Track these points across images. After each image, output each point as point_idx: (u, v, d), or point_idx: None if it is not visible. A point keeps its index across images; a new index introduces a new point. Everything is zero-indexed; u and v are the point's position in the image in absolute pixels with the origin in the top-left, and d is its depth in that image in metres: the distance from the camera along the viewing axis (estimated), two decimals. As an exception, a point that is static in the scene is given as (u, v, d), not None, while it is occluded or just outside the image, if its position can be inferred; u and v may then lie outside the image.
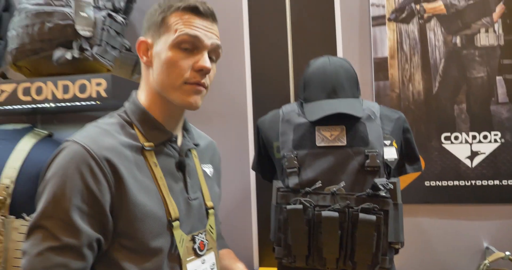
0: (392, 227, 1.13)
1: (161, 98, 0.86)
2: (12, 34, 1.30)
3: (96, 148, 0.76)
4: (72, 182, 0.73)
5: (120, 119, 0.87)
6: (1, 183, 1.34)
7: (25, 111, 1.54)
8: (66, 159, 0.75)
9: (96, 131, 0.81)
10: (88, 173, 0.74)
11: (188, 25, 0.82)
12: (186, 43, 0.82)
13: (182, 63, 0.82)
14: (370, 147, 1.14)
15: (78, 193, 0.73)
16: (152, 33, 0.86)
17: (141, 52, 0.87)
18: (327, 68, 1.24)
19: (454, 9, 1.53)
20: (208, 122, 1.65)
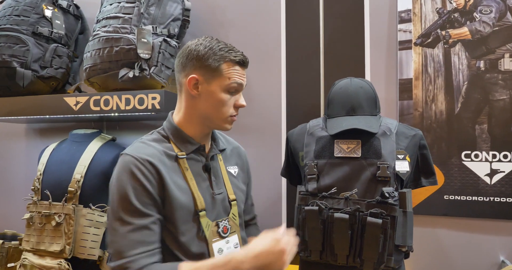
0: (400, 231, 1.24)
1: (200, 121, 1.11)
2: (87, 56, 1.57)
3: (140, 155, 1.01)
4: (128, 182, 0.98)
5: (159, 135, 1.12)
6: (74, 177, 1.62)
7: (94, 118, 1.81)
8: (121, 167, 1.01)
9: (140, 145, 1.06)
10: (138, 172, 0.99)
11: (237, 76, 1.07)
12: (234, 89, 1.08)
13: (229, 102, 1.08)
14: (382, 159, 1.26)
15: (134, 188, 0.98)
16: (204, 73, 1.06)
17: (191, 85, 1.07)
18: (348, 88, 1.37)
19: (479, 35, 1.59)
20: (247, 133, 1.82)
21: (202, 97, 1.07)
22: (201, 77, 1.06)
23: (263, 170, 1.78)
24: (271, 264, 0.95)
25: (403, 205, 1.26)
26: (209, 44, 1.07)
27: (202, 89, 1.07)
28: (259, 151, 1.80)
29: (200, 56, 1.06)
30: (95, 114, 1.56)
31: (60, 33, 1.79)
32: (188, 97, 1.10)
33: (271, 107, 1.81)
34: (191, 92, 1.07)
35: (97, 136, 1.75)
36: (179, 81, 1.12)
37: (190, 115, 1.11)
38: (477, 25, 1.60)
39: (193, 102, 1.09)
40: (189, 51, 1.08)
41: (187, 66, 1.08)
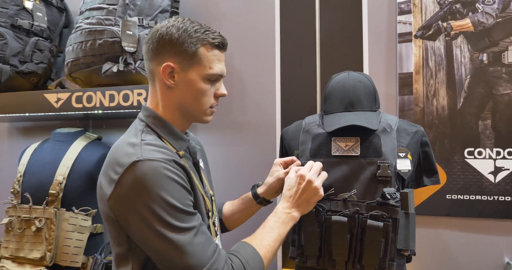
0: (402, 234, 1.17)
1: (181, 114, 1.01)
2: (68, 49, 1.49)
3: (165, 157, 0.90)
4: (167, 187, 0.87)
5: (153, 134, 0.98)
6: (56, 179, 1.53)
7: (79, 116, 1.73)
8: (147, 175, 0.86)
9: (151, 148, 0.92)
10: (173, 174, 0.89)
11: (218, 61, 0.99)
12: (215, 77, 0.99)
13: (209, 92, 1.00)
14: (383, 158, 1.19)
15: (176, 191, 0.89)
16: (180, 60, 0.95)
17: (166, 75, 0.96)
18: (346, 82, 1.30)
19: (482, 27, 1.53)
20: (240, 132, 1.76)
21: (179, 87, 0.97)
22: (177, 65, 0.96)
23: (256, 169, 1.71)
24: (311, 198, 1.12)
25: (405, 206, 1.18)
26: (183, 26, 0.96)
27: (179, 79, 0.97)
28: (253, 149, 1.74)
29: (174, 41, 0.95)
30: (77, 111, 1.48)
31: (42, 26, 1.70)
32: (163, 87, 0.99)
33: (265, 103, 1.75)
34: (166, 82, 0.97)
35: (82, 135, 1.67)
36: (150, 70, 1.01)
37: (169, 108, 1.00)
38: (480, 17, 1.54)
39: (169, 94, 0.99)
40: (160, 35, 0.96)
41: (159, 53, 0.97)
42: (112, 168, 0.91)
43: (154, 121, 1.00)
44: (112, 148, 0.97)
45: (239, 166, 1.75)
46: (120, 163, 0.88)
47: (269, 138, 1.73)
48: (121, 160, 0.89)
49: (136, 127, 1.00)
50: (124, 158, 0.89)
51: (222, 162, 1.76)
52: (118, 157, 0.91)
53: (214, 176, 1.35)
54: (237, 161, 1.76)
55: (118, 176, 0.87)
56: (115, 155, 0.92)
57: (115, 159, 0.91)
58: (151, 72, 1.00)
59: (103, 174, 0.94)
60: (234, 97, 1.77)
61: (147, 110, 1.02)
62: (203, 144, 1.31)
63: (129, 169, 0.87)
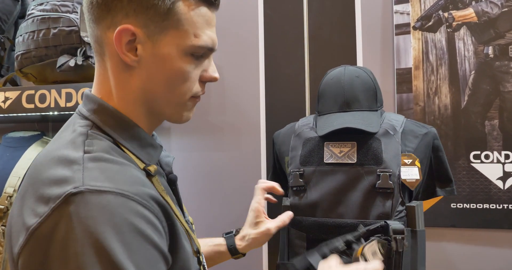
0: (408, 257, 1.04)
1: (146, 108, 0.68)
2: (19, 40, 1.35)
3: (135, 191, 0.55)
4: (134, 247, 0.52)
5: (105, 140, 0.63)
6: (5, 192, 1.38)
7: (36, 118, 1.57)
8: (99, 219, 0.51)
9: (109, 167, 0.57)
10: (148, 226, 0.54)
11: (208, 26, 0.66)
12: (202, 50, 0.66)
13: (193, 74, 0.67)
14: (384, 166, 1.07)
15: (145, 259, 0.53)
16: (146, 21, 0.62)
17: (123, 45, 0.62)
18: (341, 78, 1.18)
19: (486, 17, 1.45)
20: (221, 134, 1.66)
21: (144, 66, 0.64)
22: (141, 30, 0.62)
23: (239, 177, 1.61)
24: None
25: (411, 223, 1.06)
26: None
27: (144, 52, 0.63)
28: (235, 154, 1.63)
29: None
30: (28, 112, 1.33)
31: (-9, 15, 1.52)
32: (118, 66, 0.64)
33: (247, 103, 1.64)
34: (123, 57, 0.62)
35: (38, 140, 1.52)
36: (96, 37, 0.65)
37: (128, 101, 0.66)
38: (484, 6, 1.45)
39: (128, 77, 0.65)
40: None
41: (110, 10, 0.62)
42: (29, 203, 0.55)
43: (107, 118, 0.64)
44: (34, 166, 0.61)
45: (218, 174, 1.64)
46: (43, 197, 0.53)
47: (253, 142, 1.63)
48: (46, 191, 0.54)
49: (75, 128, 0.63)
50: (51, 188, 0.53)
51: (198, 169, 1.65)
52: (40, 183, 0.56)
53: (188, 186, 1.19)
54: (217, 168, 1.65)
55: (35, 222, 0.52)
56: (35, 180, 0.57)
57: (34, 186, 0.56)
58: (97, 41, 0.66)
59: (16, 207, 0.58)
60: (212, 96, 1.67)
61: (93, 101, 0.66)
62: (176, 149, 1.12)
63: (57, 210, 0.51)
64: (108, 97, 0.66)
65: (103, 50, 0.65)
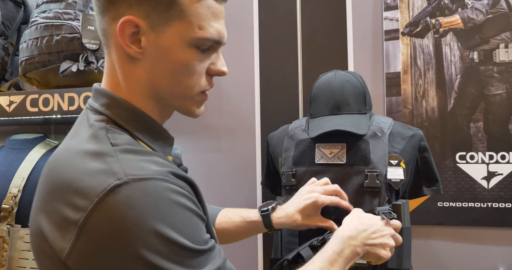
0: (394, 253, 1.08)
1: (155, 100, 0.67)
2: (22, 46, 1.38)
3: (161, 171, 0.58)
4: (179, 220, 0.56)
5: (123, 132, 0.63)
6: (9, 192, 1.40)
7: (38, 121, 1.60)
8: (149, 203, 0.53)
9: (139, 158, 0.58)
10: (181, 197, 0.58)
11: (214, 17, 0.65)
12: (209, 43, 0.65)
13: (199, 67, 0.65)
14: (371, 166, 1.12)
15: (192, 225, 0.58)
16: (149, 12, 0.60)
17: (126, 37, 0.61)
18: (332, 82, 1.22)
19: (472, 24, 1.48)
20: (217, 136, 1.68)
21: (148, 58, 0.63)
22: (144, 21, 0.61)
23: (235, 178, 1.64)
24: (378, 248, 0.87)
25: (399, 220, 1.09)
26: None
27: (148, 44, 0.62)
28: (231, 156, 1.66)
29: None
30: (33, 116, 1.36)
31: (-5, 21, 1.55)
32: (125, 59, 0.64)
33: (243, 106, 1.67)
34: (127, 49, 0.62)
35: (41, 142, 1.53)
36: (103, 30, 0.65)
37: (135, 93, 0.65)
38: (470, 13, 1.49)
39: (133, 68, 0.64)
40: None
41: (115, 2, 0.61)
42: (63, 200, 0.55)
43: (120, 111, 0.64)
44: (56, 164, 0.61)
45: (215, 175, 1.67)
46: (82, 191, 0.53)
47: (248, 144, 1.65)
48: (84, 185, 0.54)
49: (91, 123, 0.63)
50: (90, 181, 0.54)
51: (195, 170, 1.66)
52: (74, 179, 0.55)
53: None
54: (213, 169, 1.68)
55: (81, 216, 0.52)
56: (66, 177, 0.56)
57: (67, 183, 0.56)
58: (104, 33, 0.65)
59: (42, 211, 0.58)
60: (209, 99, 1.62)
61: (104, 95, 0.65)
62: None
63: (105, 200, 0.52)
64: (117, 89, 0.65)
65: (109, 42, 0.65)
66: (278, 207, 1.05)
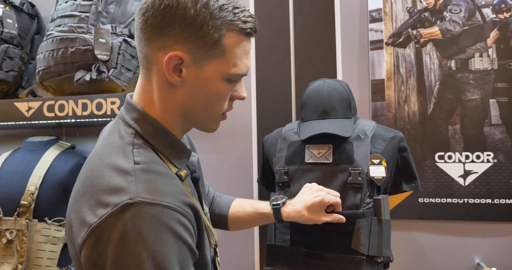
0: (375, 241, 1.18)
1: (182, 119, 0.75)
2: (39, 57, 1.46)
3: (177, 201, 0.64)
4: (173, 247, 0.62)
5: (149, 149, 0.70)
6: (27, 189, 1.49)
7: (51, 124, 1.69)
8: (154, 228, 0.60)
9: (155, 179, 0.66)
10: (185, 232, 0.64)
11: (246, 56, 0.73)
12: (238, 77, 0.74)
13: (227, 96, 0.75)
14: (355, 165, 1.21)
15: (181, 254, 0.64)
16: (194, 49, 0.68)
17: (171, 68, 0.68)
18: (321, 90, 1.31)
19: (450, 35, 1.58)
20: (216, 138, 1.75)
21: (186, 86, 0.70)
22: (189, 56, 0.68)
23: (233, 177, 1.71)
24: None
25: (378, 212, 1.21)
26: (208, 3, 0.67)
27: (189, 75, 0.69)
28: (229, 157, 1.73)
29: (189, 19, 0.66)
30: (49, 120, 1.45)
31: (12, 33, 1.66)
32: (163, 84, 0.71)
33: (241, 110, 1.73)
34: (169, 77, 0.69)
35: (54, 144, 1.64)
36: (145, 54, 0.72)
37: (168, 112, 0.73)
38: (448, 24, 1.59)
39: (170, 93, 0.71)
40: (168, 7, 0.66)
41: (163, 33, 0.67)
42: (88, 203, 0.64)
43: (149, 127, 0.72)
44: (90, 169, 0.69)
45: (214, 174, 1.74)
46: (102, 201, 0.62)
47: (245, 146, 1.73)
48: (104, 197, 0.62)
49: (122, 135, 0.71)
50: (109, 195, 0.62)
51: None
52: (100, 189, 0.64)
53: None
54: (213, 169, 1.75)
55: (96, 221, 0.61)
56: (94, 185, 0.65)
57: (94, 190, 0.65)
58: (146, 57, 0.72)
59: (75, 204, 0.68)
60: None
61: (136, 110, 0.73)
62: None
63: (116, 215, 0.60)
64: (150, 106, 0.73)
65: (151, 66, 0.71)
66: (287, 202, 1.14)
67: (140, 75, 0.76)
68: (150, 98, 0.73)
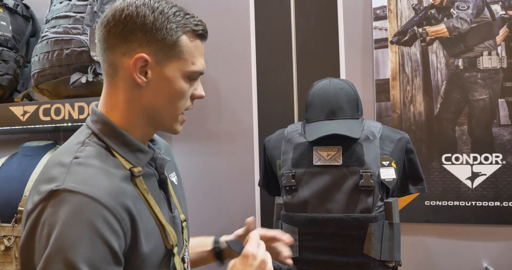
0: (386, 245, 1.16)
1: (146, 119, 0.80)
2: (34, 60, 1.43)
3: (105, 195, 0.66)
4: (89, 245, 0.63)
5: (97, 146, 0.75)
6: (25, 195, 1.47)
7: (48, 129, 1.66)
8: (71, 217, 0.63)
9: (89, 171, 0.69)
10: (106, 229, 0.64)
11: (201, 55, 0.81)
12: (197, 75, 0.81)
13: (187, 93, 0.80)
14: (366, 167, 1.17)
15: (98, 256, 0.64)
16: (156, 51, 0.75)
17: (137, 69, 0.75)
18: (327, 89, 1.28)
19: (457, 32, 1.54)
20: (217, 141, 1.73)
21: (151, 86, 0.76)
22: (152, 58, 0.75)
23: (234, 180, 1.69)
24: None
25: (389, 216, 1.18)
26: (158, 6, 0.75)
27: (153, 75, 0.76)
28: (230, 159, 1.71)
29: (148, 25, 0.74)
30: (45, 124, 1.42)
31: (6, 35, 1.63)
32: (130, 86, 0.76)
33: (241, 112, 1.73)
34: (136, 79, 0.75)
35: (52, 149, 1.61)
36: (110, 62, 0.77)
37: (132, 113, 0.78)
38: (455, 22, 1.55)
39: (136, 94, 0.77)
40: (128, 16, 0.74)
41: (126, 40, 0.74)
42: (31, 194, 0.70)
43: (103, 127, 0.77)
44: (44, 165, 0.76)
45: (215, 177, 1.72)
46: (39, 190, 0.67)
47: (247, 148, 1.71)
48: (41, 186, 0.67)
49: (78, 136, 0.78)
50: (44, 184, 0.67)
51: (197, 173, 1.72)
52: (40, 180, 0.70)
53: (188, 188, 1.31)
54: (214, 172, 1.73)
55: (30, 207, 0.66)
56: (39, 177, 0.72)
57: (37, 182, 0.70)
58: (111, 65, 0.77)
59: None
60: (210, 106, 1.74)
61: (95, 114, 0.79)
62: (176, 155, 1.15)
63: (43, 201, 0.65)
64: (112, 110, 0.78)
65: (116, 72, 0.77)
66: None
67: (104, 83, 0.81)
68: (112, 102, 0.79)
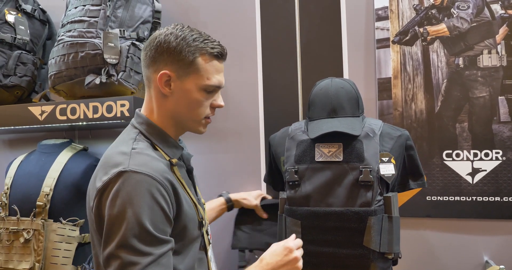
0: (385, 238, 1.20)
1: (174, 122, 1.02)
2: (51, 62, 1.51)
3: (156, 173, 0.89)
4: (147, 208, 0.85)
5: (145, 141, 0.98)
6: (42, 191, 1.55)
7: (64, 127, 1.74)
8: (134, 188, 0.85)
9: (144, 158, 0.92)
10: (160, 197, 0.88)
11: (217, 72, 0.99)
12: (212, 88, 0.99)
13: (205, 103, 1.00)
14: (365, 163, 1.22)
15: (155, 214, 0.86)
16: (177, 68, 0.96)
17: (163, 82, 0.96)
18: (329, 89, 1.32)
19: (457, 32, 1.56)
20: (224, 138, 1.78)
21: (175, 96, 0.98)
22: (174, 73, 0.96)
23: (241, 176, 1.73)
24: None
25: (388, 210, 1.22)
26: (181, 34, 0.96)
27: (175, 87, 0.97)
28: (237, 156, 1.76)
29: (172, 49, 0.95)
30: (61, 123, 1.50)
31: (25, 39, 1.71)
32: (159, 95, 0.99)
33: (248, 110, 1.77)
34: (162, 90, 0.97)
35: (67, 146, 1.68)
36: (147, 76, 1.02)
37: (164, 116, 1.01)
38: (455, 21, 1.58)
39: (164, 101, 0.99)
40: (158, 43, 0.97)
41: (156, 61, 0.97)
42: (99, 176, 0.91)
43: (148, 128, 1.00)
44: (103, 156, 0.98)
45: (223, 173, 1.77)
46: (107, 172, 0.89)
47: (253, 145, 1.75)
48: (108, 169, 0.89)
49: (129, 134, 1.00)
50: (112, 167, 0.89)
51: (205, 170, 1.77)
52: (107, 165, 0.91)
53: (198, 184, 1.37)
54: (222, 168, 1.77)
55: (101, 185, 0.88)
56: (104, 164, 0.93)
57: (103, 167, 0.92)
58: (147, 78, 1.01)
59: (91, 182, 0.96)
60: None
61: (141, 117, 1.02)
62: None
63: (113, 179, 0.87)
64: (151, 114, 1.02)
65: (150, 84, 1.01)
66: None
67: (145, 92, 1.05)
68: (150, 108, 1.03)
